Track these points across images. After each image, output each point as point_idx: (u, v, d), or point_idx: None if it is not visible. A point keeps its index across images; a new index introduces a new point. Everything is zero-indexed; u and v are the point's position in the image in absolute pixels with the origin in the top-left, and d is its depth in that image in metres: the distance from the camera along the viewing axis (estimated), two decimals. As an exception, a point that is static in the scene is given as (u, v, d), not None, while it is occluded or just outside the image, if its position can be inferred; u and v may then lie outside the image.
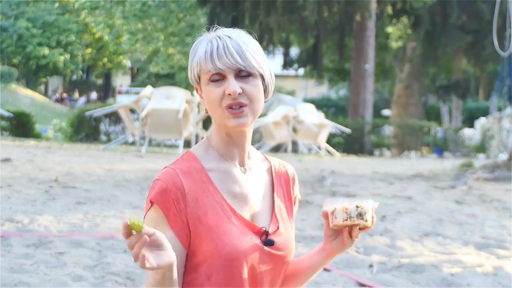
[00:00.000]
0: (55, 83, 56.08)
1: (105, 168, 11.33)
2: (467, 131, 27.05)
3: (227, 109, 1.69)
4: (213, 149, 1.78)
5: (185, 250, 1.69)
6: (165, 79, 43.94)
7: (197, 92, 1.77)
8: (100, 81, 57.26)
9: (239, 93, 1.68)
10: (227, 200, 1.73)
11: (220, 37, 1.70)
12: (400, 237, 6.26)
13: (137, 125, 17.02)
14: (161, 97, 15.93)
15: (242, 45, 1.69)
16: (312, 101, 38.16)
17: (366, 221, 1.73)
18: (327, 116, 24.35)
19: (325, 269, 4.84)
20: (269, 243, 1.74)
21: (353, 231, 1.76)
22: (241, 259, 1.69)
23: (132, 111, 18.00)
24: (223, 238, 1.68)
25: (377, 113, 32.27)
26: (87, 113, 20.27)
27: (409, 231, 6.59)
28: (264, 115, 20.25)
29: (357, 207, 1.73)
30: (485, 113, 35.38)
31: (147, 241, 1.46)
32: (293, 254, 1.83)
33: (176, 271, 1.58)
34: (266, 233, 1.75)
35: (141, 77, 49.69)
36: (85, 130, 21.90)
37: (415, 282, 4.70)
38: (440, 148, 24.27)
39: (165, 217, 1.67)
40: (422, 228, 6.84)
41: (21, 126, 22.01)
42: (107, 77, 54.76)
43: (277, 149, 20.73)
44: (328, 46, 28.96)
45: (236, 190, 1.75)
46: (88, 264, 4.74)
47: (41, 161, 11.94)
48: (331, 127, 20.79)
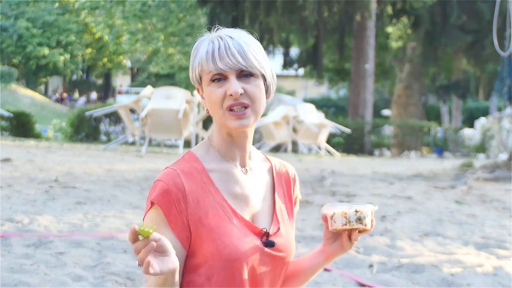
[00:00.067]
0: (55, 83, 56.07)
1: (105, 168, 11.33)
2: (467, 131, 27.05)
3: (228, 110, 1.68)
4: (214, 150, 1.77)
5: (185, 251, 1.69)
6: (165, 79, 43.92)
7: (199, 92, 1.77)
8: (100, 81, 57.25)
9: (240, 94, 1.67)
10: (228, 201, 1.72)
11: (221, 37, 1.69)
12: (400, 237, 6.26)
13: (137, 125, 17.02)
14: (161, 97, 15.93)
15: (243, 45, 1.68)
16: (312, 101, 38.18)
17: (365, 225, 1.72)
18: (327, 116, 24.35)
19: (325, 269, 4.83)
20: (269, 244, 1.74)
21: (352, 234, 1.75)
22: (241, 260, 1.68)
23: (132, 111, 18.00)
24: (224, 239, 1.67)
25: (377, 113, 32.27)
26: (87, 113, 20.27)
27: (409, 231, 6.59)
28: (264, 115, 20.22)
29: (356, 211, 1.72)
30: (485, 113, 35.38)
31: (154, 247, 1.47)
32: (293, 255, 1.82)
33: (178, 276, 1.58)
34: (267, 234, 1.75)
35: (141, 77, 49.66)
36: (85, 130, 21.89)
37: (415, 282, 4.70)
38: (440, 148, 24.27)
39: (165, 218, 1.66)
40: (422, 228, 6.84)
41: (21, 126, 22.00)
42: (107, 77, 54.75)
43: (277, 149, 20.73)
44: (328, 46, 28.96)
45: (237, 191, 1.75)
46: (88, 264, 4.74)
47: (41, 161, 11.94)
48: (331, 127, 20.78)
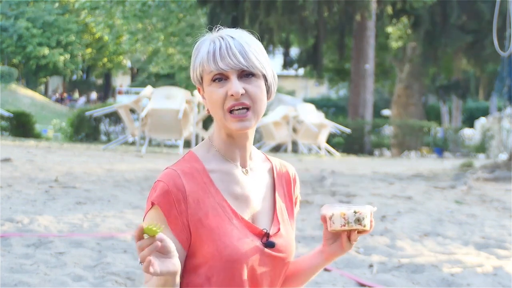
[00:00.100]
0: (55, 83, 56.08)
1: (105, 168, 11.33)
2: (467, 131, 27.05)
3: (228, 112, 1.68)
4: (215, 150, 1.77)
5: (184, 252, 1.68)
6: (165, 79, 43.91)
7: (200, 92, 1.76)
8: (100, 81, 57.25)
9: (241, 94, 1.67)
10: (228, 202, 1.72)
11: (222, 38, 1.69)
12: (400, 237, 6.25)
13: (137, 125, 17.02)
14: (161, 97, 15.93)
15: (245, 46, 1.68)
16: (312, 101, 38.18)
17: (364, 226, 1.72)
18: (327, 116, 24.35)
19: (325, 269, 4.83)
20: (269, 245, 1.74)
21: (352, 235, 1.75)
22: (241, 261, 1.68)
23: (132, 111, 18.00)
24: (224, 240, 1.67)
25: (377, 113, 32.27)
26: (87, 113, 20.27)
27: (409, 231, 6.58)
28: (264, 115, 20.19)
29: (355, 212, 1.71)
30: (485, 113, 35.38)
31: (158, 246, 1.47)
32: (293, 256, 1.82)
33: (178, 278, 1.58)
34: (267, 235, 1.75)
35: (141, 77, 49.65)
36: (85, 130, 21.90)
37: (415, 282, 4.70)
38: (440, 148, 24.27)
39: (166, 218, 1.66)
40: (422, 228, 6.84)
41: (21, 126, 22.00)
42: (107, 77, 54.75)
43: (277, 149, 20.73)
44: (328, 46, 28.96)
45: (237, 191, 1.75)
46: (88, 264, 4.74)
47: (41, 161, 11.94)
48: (331, 127, 20.78)
